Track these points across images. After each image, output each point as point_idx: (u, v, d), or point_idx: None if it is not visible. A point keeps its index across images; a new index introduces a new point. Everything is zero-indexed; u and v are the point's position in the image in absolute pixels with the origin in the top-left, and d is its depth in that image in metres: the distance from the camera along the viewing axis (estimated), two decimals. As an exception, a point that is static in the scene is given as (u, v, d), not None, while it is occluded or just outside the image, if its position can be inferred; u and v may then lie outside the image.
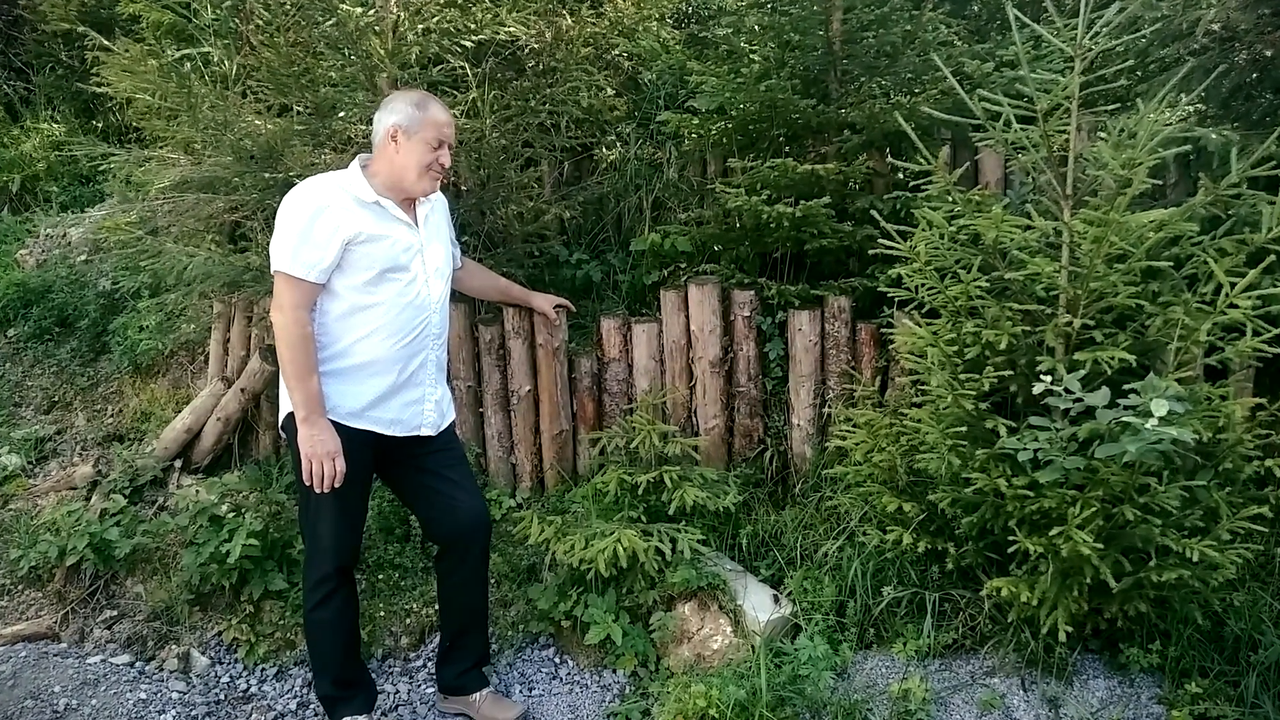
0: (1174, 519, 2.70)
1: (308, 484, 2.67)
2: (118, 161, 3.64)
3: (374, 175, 2.78)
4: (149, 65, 3.20)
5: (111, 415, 4.14)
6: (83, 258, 4.65)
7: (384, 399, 2.79)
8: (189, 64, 3.38)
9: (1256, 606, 2.94)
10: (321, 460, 2.64)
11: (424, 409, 2.90)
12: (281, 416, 2.84)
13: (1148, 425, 2.34)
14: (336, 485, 2.67)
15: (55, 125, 5.72)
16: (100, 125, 5.52)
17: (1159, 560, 2.71)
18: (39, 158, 5.52)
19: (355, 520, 2.89)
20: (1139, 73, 4.29)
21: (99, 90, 3.93)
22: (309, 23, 3.28)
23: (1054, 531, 2.64)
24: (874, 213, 3.21)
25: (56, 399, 4.21)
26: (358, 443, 2.75)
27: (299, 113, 3.56)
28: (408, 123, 2.73)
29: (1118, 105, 3.13)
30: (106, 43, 3.40)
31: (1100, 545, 2.59)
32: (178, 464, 3.88)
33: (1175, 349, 2.77)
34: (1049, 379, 2.60)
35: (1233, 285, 2.65)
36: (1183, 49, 3.75)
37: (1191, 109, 3.97)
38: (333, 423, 2.70)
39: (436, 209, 2.97)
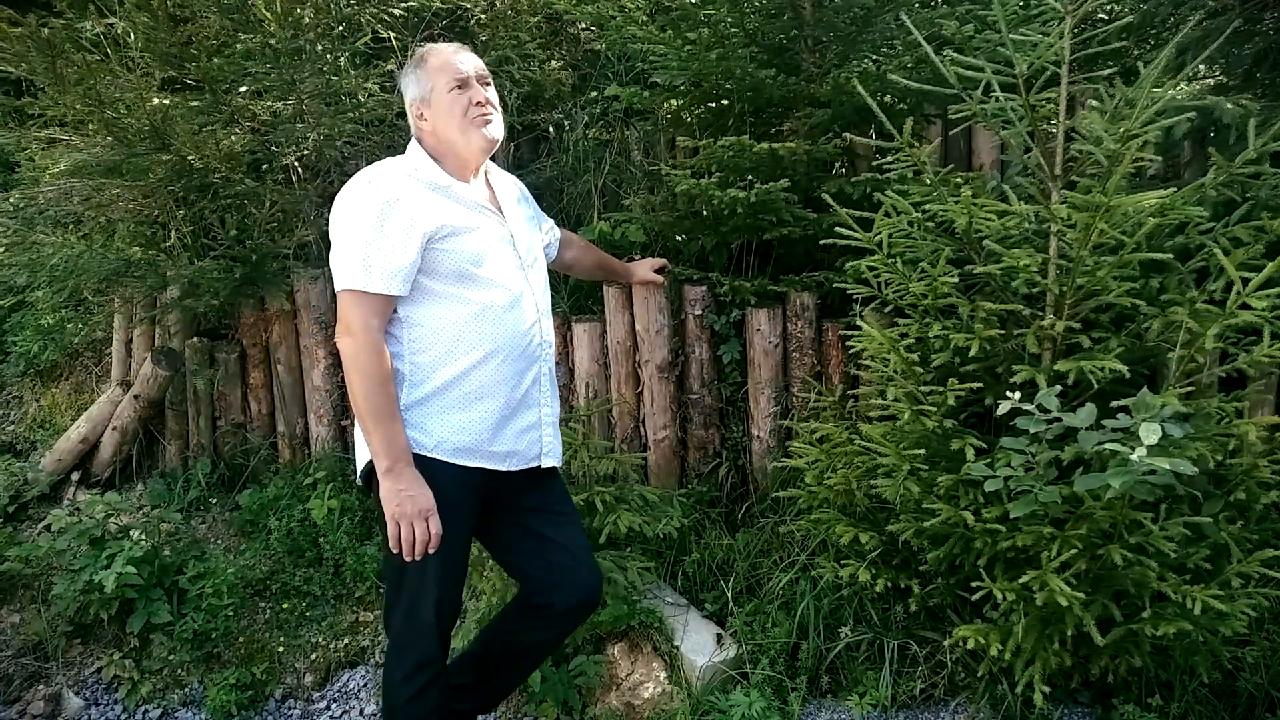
0: (1174, 559, 2.26)
1: (395, 550, 2.09)
2: (2, 139, 3.29)
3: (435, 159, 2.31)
4: (5, 30, 2.84)
5: (11, 423, 3.79)
6: (-1, 249, 4.30)
7: (497, 427, 2.23)
8: (49, 32, 2.98)
9: (1276, 658, 2.51)
10: (413, 521, 2.05)
11: (542, 435, 2.34)
12: (360, 464, 2.25)
13: (1135, 455, 1.91)
14: (431, 550, 2.09)
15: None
16: (34, 107, 5.16)
17: (1155, 609, 2.28)
18: (-38, 143, 5.17)
19: (459, 588, 2.29)
20: (1150, 41, 3.82)
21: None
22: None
23: (1027, 576, 2.22)
24: (827, 196, 2.79)
25: (-45, 404, 3.89)
26: (469, 488, 2.21)
27: (193, 88, 3.18)
28: (418, 88, 2.27)
29: (1115, 71, 2.67)
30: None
31: (1083, 594, 2.17)
32: (75, 477, 3.53)
33: (1178, 357, 2.33)
34: (1016, 395, 2.16)
35: (1246, 281, 2.19)
36: (1197, 6, 3.27)
37: (1211, 80, 3.50)
38: (435, 462, 2.15)
39: (513, 191, 2.48)
